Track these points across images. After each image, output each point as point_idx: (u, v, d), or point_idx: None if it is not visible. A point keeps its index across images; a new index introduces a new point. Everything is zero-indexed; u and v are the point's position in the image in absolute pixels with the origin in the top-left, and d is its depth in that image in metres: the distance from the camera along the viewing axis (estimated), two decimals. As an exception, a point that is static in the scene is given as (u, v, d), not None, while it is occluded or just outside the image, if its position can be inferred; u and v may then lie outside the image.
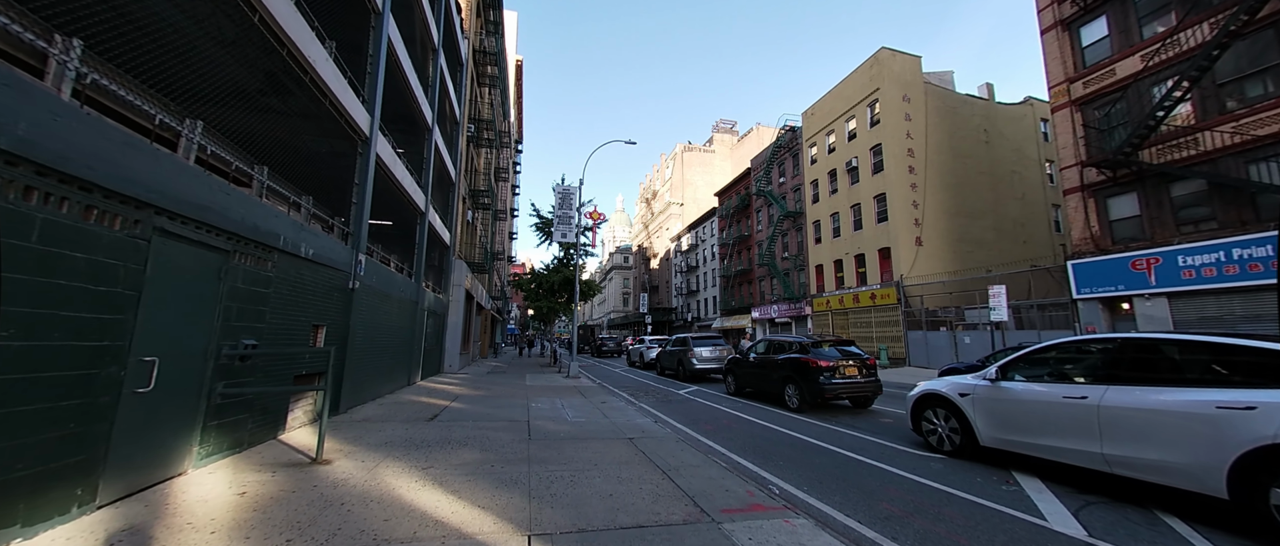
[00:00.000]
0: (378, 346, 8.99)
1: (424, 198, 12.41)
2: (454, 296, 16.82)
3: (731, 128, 64.94)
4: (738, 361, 10.85)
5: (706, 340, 14.66)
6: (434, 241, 15.19)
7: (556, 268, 21.89)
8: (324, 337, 6.72)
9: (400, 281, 10.55)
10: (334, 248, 6.94)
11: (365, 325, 8.25)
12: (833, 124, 27.80)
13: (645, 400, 10.65)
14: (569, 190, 17.51)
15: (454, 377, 14.20)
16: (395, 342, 10.24)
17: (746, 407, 9.25)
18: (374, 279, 8.60)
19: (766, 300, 34.47)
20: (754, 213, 37.02)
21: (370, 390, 8.70)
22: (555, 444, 5.77)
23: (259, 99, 6.96)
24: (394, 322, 10.11)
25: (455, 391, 10.76)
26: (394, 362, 10.20)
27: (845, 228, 26.32)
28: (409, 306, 11.27)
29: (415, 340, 11.87)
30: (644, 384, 14.23)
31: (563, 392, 11.09)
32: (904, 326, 21.72)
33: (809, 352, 8.49)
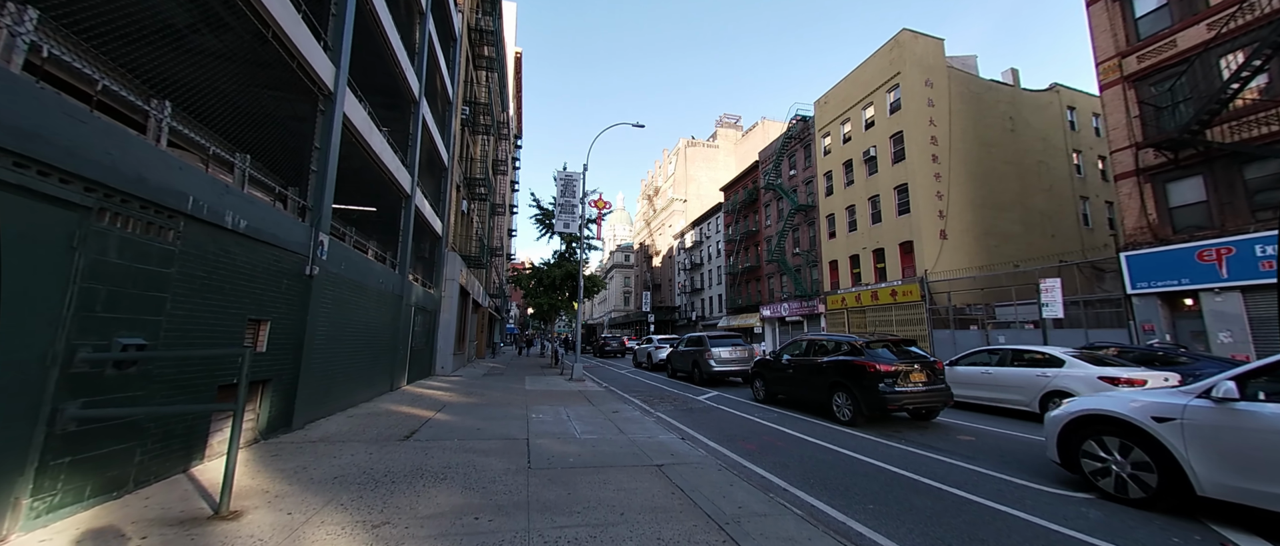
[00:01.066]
0: (349, 346, 7.58)
1: (410, 179, 10.99)
2: (447, 291, 15.40)
3: (735, 122, 63.54)
4: (768, 364, 9.43)
5: (724, 339, 13.26)
6: (423, 230, 13.77)
7: (558, 262, 20.47)
8: (268, 336, 5.30)
9: (380, 271, 9.13)
10: (283, 223, 5.52)
11: (330, 321, 6.83)
12: (848, 112, 26.40)
13: (662, 408, 9.24)
14: (572, 177, 16.10)
15: (445, 381, 12.79)
16: (373, 342, 8.83)
17: (785, 419, 7.83)
18: (342, 265, 7.18)
19: (776, 298, 33.07)
20: (762, 207, 35.62)
21: (338, 398, 7.28)
22: (564, 476, 4.35)
23: (190, 37, 5.54)
24: (372, 319, 8.69)
25: (444, 398, 9.34)
26: (372, 365, 8.79)
27: (862, 221, 24.92)
28: (391, 300, 9.86)
29: (399, 339, 10.46)
30: (656, 388, 12.83)
31: (567, 399, 9.69)
32: (929, 324, 20.33)
33: (864, 355, 7.08)
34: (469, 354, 21.41)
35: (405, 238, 10.83)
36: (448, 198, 15.48)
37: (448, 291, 15.43)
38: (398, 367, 10.47)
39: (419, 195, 11.97)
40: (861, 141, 25.23)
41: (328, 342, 6.80)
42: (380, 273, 9.17)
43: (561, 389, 11.62)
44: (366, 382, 8.60)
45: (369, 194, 11.34)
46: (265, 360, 5.26)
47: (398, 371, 10.49)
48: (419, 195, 11.97)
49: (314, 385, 6.36)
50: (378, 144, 8.61)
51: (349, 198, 11.68)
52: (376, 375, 9.16)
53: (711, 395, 11.01)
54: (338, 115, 6.61)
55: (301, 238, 5.94)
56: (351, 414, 7.20)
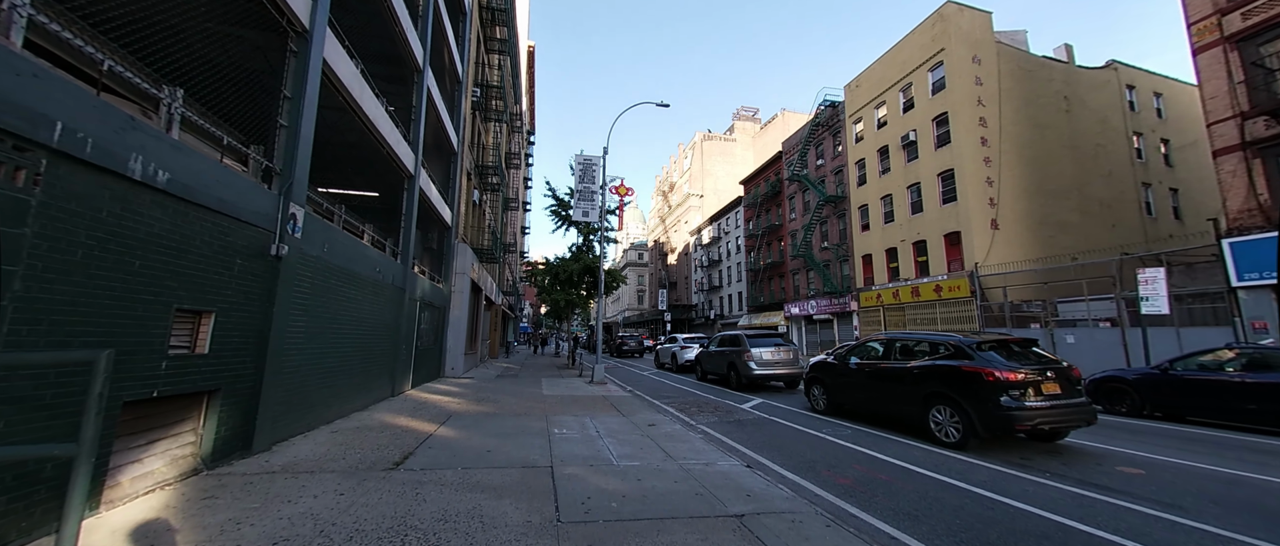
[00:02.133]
0: (337, 346, 6.32)
1: (414, 157, 9.75)
2: (457, 286, 14.19)
3: (753, 115, 61.66)
4: (831, 368, 7.93)
5: (764, 338, 11.77)
6: (430, 218, 12.56)
7: (575, 256, 19.16)
8: (211, 332, 4.02)
9: (377, 260, 7.88)
10: (236, 185, 4.24)
11: (310, 315, 5.57)
12: (884, 94, 24.58)
13: (703, 418, 7.82)
14: (591, 161, 14.74)
15: (455, 384, 11.55)
16: (369, 341, 7.58)
17: (865, 437, 6.35)
18: (326, 248, 5.91)
19: (802, 295, 31.35)
20: (786, 200, 33.89)
21: (322, 409, 6.02)
22: (610, 537, 2.97)
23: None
24: (367, 314, 7.44)
25: (451, 405, 8.06)
26: (367, 368, 7.54)
27: (900, 211, 23.12)
28: (392, 294, 8.62)
29: (402, 338, 9.23)
30: (688, 393, 11.41)
31: (591, 407, 8.33)
32: (981, 323, 18.50)
33: (975, 359, 5.56)
34: (481, 354, 20.25)
35: (408, 222, 9.59)
36: (457, 184, 14.26)
37: (458, 286, 14.22)
38: (400, 370, 9.24)
39: (424, 177, 10.74)
40: (899, 126, 23.41)
41: (306, 341, 5.53)
42: (378, 261, 7.92)
43: (583, 394, 10.28)
44: (361, 388, 7.35)
45: (368, 175, 10.14)
46: (208, 364, 3.99)
47: (400, 374, 9.26)
48: (424, 177, 10.74)
49: (285, 394, 5.09)
50: (372, 108, 7.34)
51: (345, 179, 10.52)
52: (374, 379, 7.92)
53: (756, 403, 9.54)
54: (314, 59, 5.33)
55: (265, 207, 4.67)
56: (337, 428, 5.93)
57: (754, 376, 10.97)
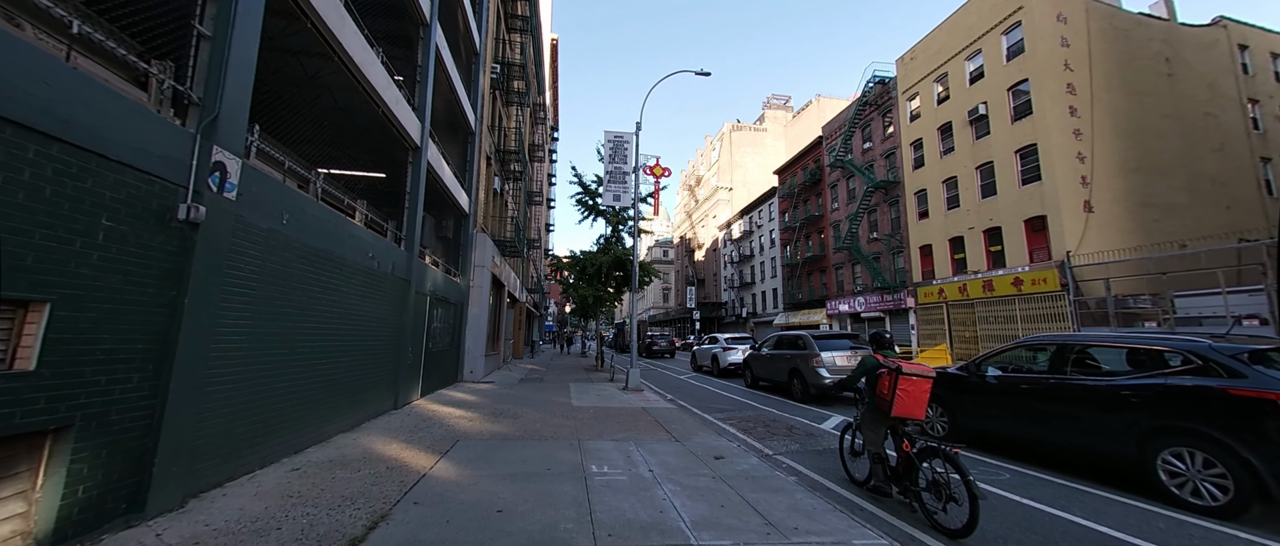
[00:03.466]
0: (306, 352, 4.79)
1: (420, 127, 8.25)
2: (476, 280, 12.76)
3: (785, 103, 58.79)
4: (954, 382, 5.94)
5: (834, 339, 9.77)
6: (445, 203, 11.11)
7: (603, 248, 17.51)
8: (42, 334, 2.47)
9: (370, 243, 6.37)
10: (104, 106, 2.69)
11: (258, 309, 4.03)
12: (945, 65, 21.93)
13: (780, 445, 5.98)
14: (622, 139, 13.02)
15: (472, 391, 10.05)
16: (361, 344, 6.08)
17: (1048, 490, 4.39)
18: (287, 220, 4.37)
19: (847, 291, 28.86)
20: (827, 189, 31.38)
21: (285, 436, 4.49)
22: None
23: None
24: (357, 310, 5.94)
25: (462, 424, 6.48)
26: (357, 377, 6.04)
27: (967, 195, 20.49)
28: (392, 286, 7.12)
29: (408, 339, 7.74)
30: (744, 404, 9.57)
31: (633, 424, 6.61)
32: (1077, 321, 15.87)
33: (1248, 377, 3.54)
34: (505, 355, 18.90)
35: (414, 202, 8.08)
36: (475, 168, 12.81)
37: (477, 280, 12.78)
38: (406, 377, 7.75)
39: (434, 153, 9.25)
40: (965, 99, 20.76)
41: (256, 346, 4.00)
42: (373, 245, 6.41)
43: (619, 404, 8.57)
44: (349, 402, 5.85)
45: (368, 148, 8.70)
46: (40, 387, 2.44)
47: (406, 382, 7.77)
48: (434, 153, 9.25)
49: (218, 422, 3.55)
50: (358, 50, 5.79)
51: (343, 153, 9.10)
52: (369, 390, 6.42)
53: (836, 421, 7.61)
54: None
55: (169, 149, 3.12)
56: (302, 463, 4.39)
57: (825, 386, 9.02)
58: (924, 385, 3.62)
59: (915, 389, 3.60)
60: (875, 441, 3.97)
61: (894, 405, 3.60)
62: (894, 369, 3.66)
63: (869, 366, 3.94)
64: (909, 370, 3.62)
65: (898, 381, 3.60)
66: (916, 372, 3.63)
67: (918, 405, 3.62)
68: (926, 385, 3.63)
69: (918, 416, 3.65)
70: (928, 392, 3.64)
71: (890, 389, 3.65)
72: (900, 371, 3.61)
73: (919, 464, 3.56)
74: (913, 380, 3.60)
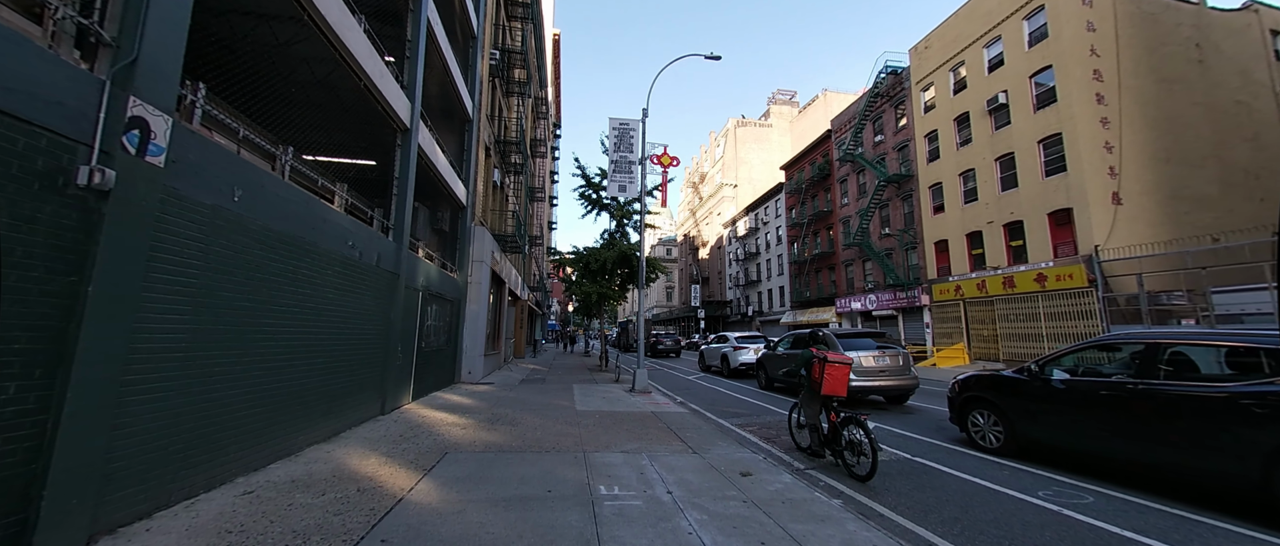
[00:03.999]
0: (262, 351, 4.12)
1: (410, 107, 7.58)
2: (475, 276, 12.09)
3: (790, 98, 57.93)
4: (1011, 385, 5.20)
5: (860, 338, 9.04)
6: (440, 193, 10.45)
7: (607, 243, 16.82)
8: None
9: (350, 231, 5.70)
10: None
11: (200, 301, 3.35)
12: (963, 53, 21.12)
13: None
14: (627, 126, 12.31)
15: (469, 394, 9.39)
16: (340, 343, 5.42)
17: (1145, 516, 3.68)
18: (239, 198, 3.69)
19: (857, 288, 28.08)
20: (836, 184, 30.59)
21: (239, 452, 3.82)
22: None
23: None
24: (334, 305, 5.27)
25: (453, 432, 5.80)
26: (333, 380, 5.37)
27: (986, 188, 19.68)
28: (380, 280, 6.45)
29: (397, 337, 7.08)
30: (760, 408, 8.87)
31: (643, 432, 5.91)
32: (1106, 319, 15.08)
33: None
34: (505, 354, 18.25)
35: (403, 188, 7.41)
36: (473, 158, 12.14)
37: (476, 275, 12.12)
38: (394, 379, 7.09)
39: (427, 137, 8.57)
40: (984, 87, 19.95)
41: (195, 347, 3.33)
42: (353, 233, 5.74)
43: (627, 409, 7.88)
44: (324, 410, 5.18)
45: (354, 133, 8.03)
46: None
47: (395, 384, 7.11)
48: (427, 137, 8.57)
49: (132, 442, 2.87)
50: (336, 14, 5.11)
51: (327, 138, 8.43)
52: (349, 394, 5.76)
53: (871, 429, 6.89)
54: None
55: (68, 94, 2.45)
56: (258, 485, 3.71)
57: (851, 388, 8.29)
58: (844, 370, 4.62)
59: (837, 372, 4.60)
60: (813, 415, 4.98)
61: (823, 385, 4.60)
62: (821, 358, 4.67)
63: (805, 358, 4.94)
64: (832, 358, 4.64)
65: (825, 368, 4.59)
66: (837, 360, 4.64)
67: (840, 385, 4.60)
68: (846, 370, 4.63)
69: (841, 394, 4.62)
70: (847, 375, 4.63)
71: (820, 374, 4.63)
72: (826, 360, 4.60)
73: (841, 430, 4.59)
74: (834, 366, 4.60)
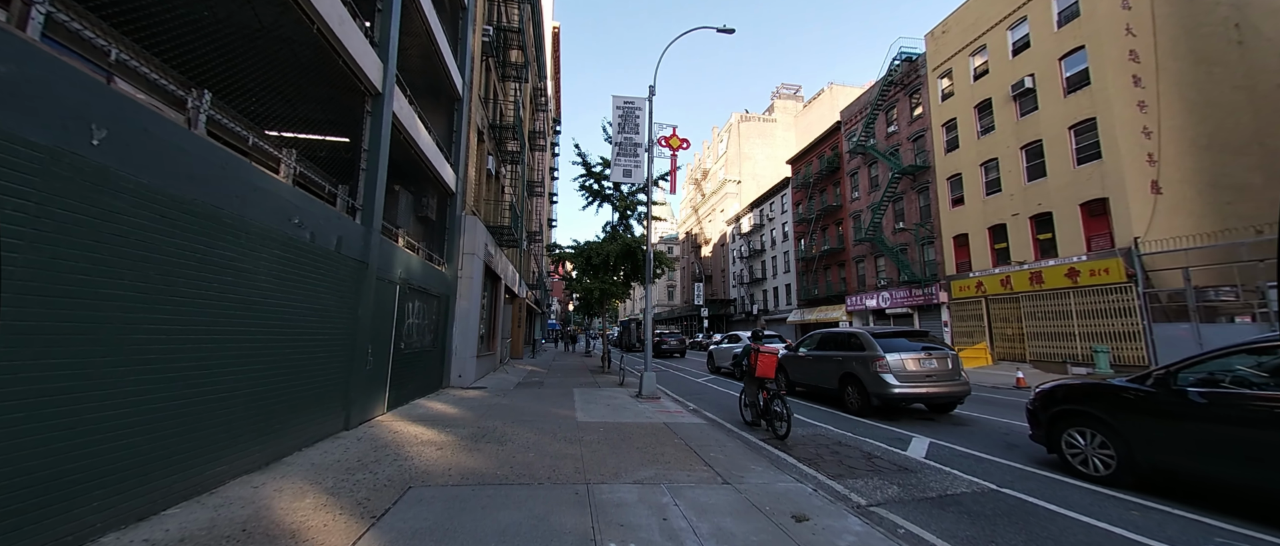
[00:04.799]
0: (149, 358, 3.04)
1: (381, 68, 6.49)
2: (466, 270, 11.01)
3: (795, 93, 56.79)
4: (1132, 399, 4.13)
5: (898, 339, 7.95)
6: (422, 175, 9.37)
7: (610, 236, 15.74)
8: None
9: (297, 206, 4.62)
10: None
11: (19, 284, 2.27)
12: (983, 37, 20.01)
13: (876, 490, 4.22)
14: (632, 106, 11.23)
15: (455, 402, 8.31)
16: (281, 345, 4.34)
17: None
18: (97, 135, 2.60)
19: (868, 286, 27.00)
20: (846, 177, 29.48)
21: (117, 493, 2.75)
22: None
23: None
24: (269, 297, 4.19)
25: (425, 455, 4.71)
26: (273, 394, 4.29)
27: (1010, 178, 18.58)
28: (342, 269, 5.37)
29: (365, 338, 6.01)
30: (786, 418, 7.79)
31: (657, 451, 4.82)
32: (1147, 316, 13.99)
33: None
34: (502, 355, 17.17)
35: (374, 163, 6.32)
36: (464, 140, 11.06)
37: (467, 269, 11.04)
38: (363, 387, 6.01)
39: (405, 107, 7.49)
40: (1008, 72, 18.85)
41: (27, 348, 2.25)
42: (297, 208, 4.66)
43: (634, 419, 6.80)
44: (258, 430, 4.11)
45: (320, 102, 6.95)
46: None
47: (364, 394, 6.03)
48: (405, 107, 7.49)
49: None
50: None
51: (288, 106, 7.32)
52: (300, 409, 4.68)
53: (923, 445, 5.82)
54: None
55: None
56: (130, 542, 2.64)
57: (892, 395, 7.22)
58: (771, 358, 6.32)
59: (766, 360, 6.30)
60: (752, 394, 6.63)
61: (756, 370, 6.33)
62: (755, 349, 6.39)
63: (747, 350, 6.52)
64: (762, 349, 6.37)
65: (758, 357, 6.31)
66: (766, 350, 6.37)
67: (769, 368, 6.30)
68: (773, 358, 6.32)
69: (769, 376, 6.29)
70: (775, 361, 6.33)
71: (755, 362, 6.34)
72: (758, 351, 6.35)
73: (770, 405, 6.14)
74: (763, 355, 6.32)
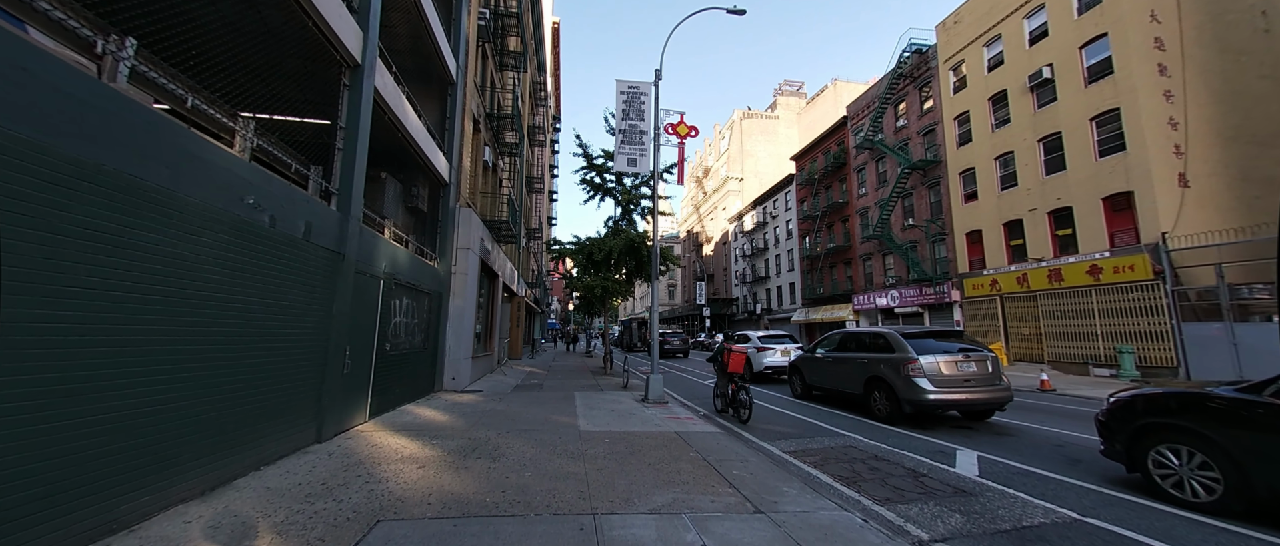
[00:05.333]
0: (43, 364, 2.37)
1: (361, 38, 5.82)
2: (460, 265, 10.35)
3: (798, 89, 56.11)
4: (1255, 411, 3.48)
5: (931, 340, 7.28)
6: (411, 162, 8.71)
7: (613, 231, 15.08)
8: None
9: (244, 178, 3.96)
10: None
11: None
12: (999, 26, 19.35)
13: (934, 519, 3.57)
14: (637, 91, 10.56)
15: (445, 409, 7.64)
16: (235, 346, 3.68)
17: None
18: None
19: (876, 284, 26.35)
20: (853, 173, 28.82)
21: None
22: None
23: None
24: (218, 290, 3.52)
25: (404, 477, 4.05)
26: (224, 403, 3.63)
27: (1028, 172, 17.93)
28: (312, 260, 4.71)
29: (340, 338, 5.35)
30: (807, 423, 7.16)
31: (673, 469, 4.13)
32: (1176, 315, 13.35)
33: None
34: (499, 355, 16.51)
35: (353, 143, 5.66)
36: (457, 127, 10.40)
37: (461, 265, 10.38)
38: (339, 394, 5.35)
39: (390, 84, 6.83)
40: (1025, 62, 18.19)
41: None
42: (249, 184, 3.99)
43: (643, 427, 6.14)
44: (201, 448, 3.45)
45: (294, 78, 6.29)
46: None
47: (339, 401, 5.37)
48: (390, 84, 6.83)
49: None
50: None
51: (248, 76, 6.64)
52: (257, 421, 4.02)
53: (970, 459, 5.16)
54: None
55: None
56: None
57: (927, 402, 6.56)
58: (741, 356, 7.54)
59: (736, 357, 7.52)
60: (723, 386, 7.85)
61: (728, 366, 7.53)
62: (727, 349, 7.65)
63: (721, 349, 7.77)
64: (733, 349, 7.60)
65: (730, 355, 7.54)
66: (736, 350, 7.60)
67: (739, 365, 7.50)
68: (742, 356, 7.57)
69: (738, 371, 7.49)
70: (744, 358, 7.60)
71: (727, 358, 7.56)
72: (730, 350, 7.60)
73: (737, 396, 7.40)
74: (732, 353, 7.54)
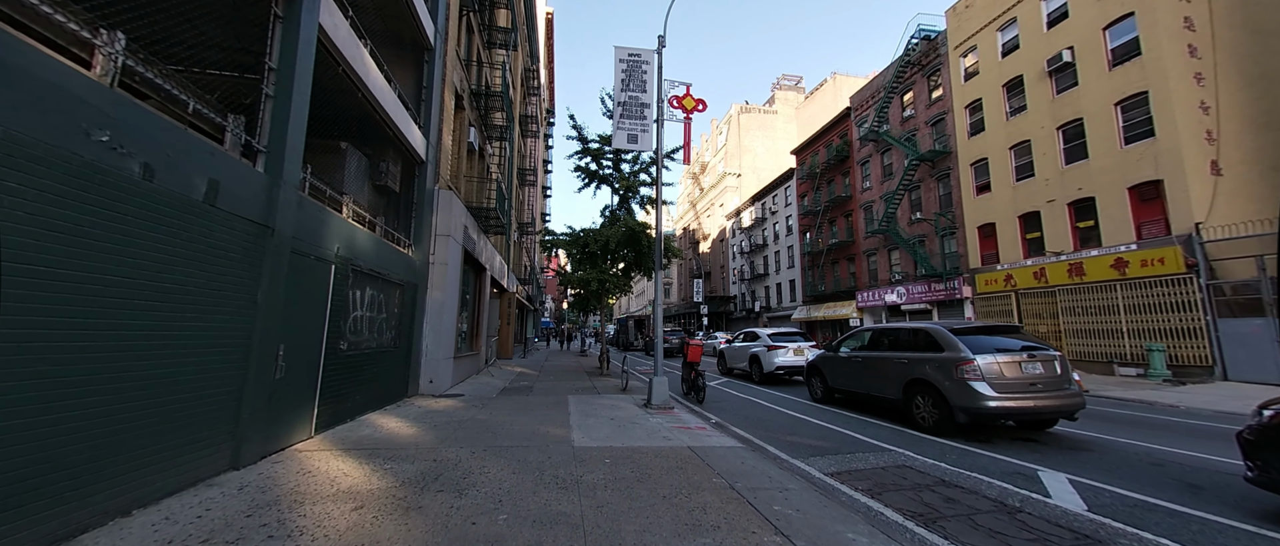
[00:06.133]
0: None
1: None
2: (440, 254, 9.20)
3: (796, 84, 55.23)
4: None
5: (984, 336, 6.28)
6: (377, 131, 7.55)
7: (610, 221, 13.98)
8: None
9: (74, 94, 2.81)
10: None
11: None
12: (1013, 9, 18.46)
13: None
14: (639, 59, 9.46)
15: (413, 419, 6.51)
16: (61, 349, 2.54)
17: None
18: None
19: (882, 280, 25.47)
20: (856, 166, 27.93)
21: None
22: None
23: None
24: (24, 261, 2.38)
25: (325, 530, 2.95)
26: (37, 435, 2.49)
27: (1045, 161, 17.06)
28: (214, 228, 3.56)
29: (269, 336, 4.22)
30: (840, 434, 6.13)
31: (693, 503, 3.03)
32: (1212, 311, 12.50)
33: None
34: (486, 355, 15.34)
35: (286, 91, 4.50)
36: (437, 100, 9.25)
37: (442, 254, 9.23)
38: (266, 404, 4.22)
39: (340, 23, 5.68)
40: (1042, 46, 17.31)
41: None
42: (96, 110, 2.85)
43: (649, 441, 5.06)
44: (21, 493, 2.31)
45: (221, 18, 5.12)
46: None
47: (270, 412, 4.24)
48: (340, 23, 5.68)
49: None
50: None
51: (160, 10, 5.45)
52: (131, 446, 2.88)
53: (1063, 481, 4.14)
54: None
55: None
56: None
57: (987, 410, 5.54)
58: (698, 348, 9.15)
59: (695, 349, 9.04)
60: (686, 373, 9.09)
61: (688, 356, 8.97)
62: (687, 341, 9.68)
63: (683, 342, 10.95)
64: (691, 342, 9.25)
65: (688, 347, 9.07)
66: (695, 342, 9.25)
67: (696, 356, 8.95)
68: (699, 348, 9.18)
69: (696, 360, 8.92)
70: (701, 350, 9.17)
71: (687, 350, 9.03)
72: (689, 342, 9.24)
73: (696, 382, 8.75)
74: (692, 346, 9.06)
